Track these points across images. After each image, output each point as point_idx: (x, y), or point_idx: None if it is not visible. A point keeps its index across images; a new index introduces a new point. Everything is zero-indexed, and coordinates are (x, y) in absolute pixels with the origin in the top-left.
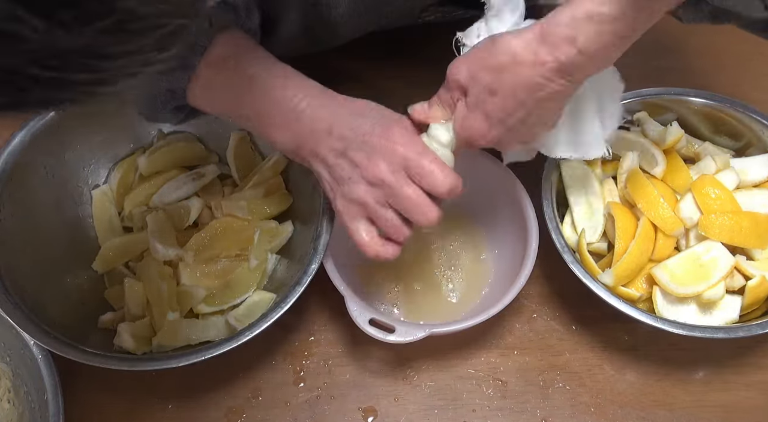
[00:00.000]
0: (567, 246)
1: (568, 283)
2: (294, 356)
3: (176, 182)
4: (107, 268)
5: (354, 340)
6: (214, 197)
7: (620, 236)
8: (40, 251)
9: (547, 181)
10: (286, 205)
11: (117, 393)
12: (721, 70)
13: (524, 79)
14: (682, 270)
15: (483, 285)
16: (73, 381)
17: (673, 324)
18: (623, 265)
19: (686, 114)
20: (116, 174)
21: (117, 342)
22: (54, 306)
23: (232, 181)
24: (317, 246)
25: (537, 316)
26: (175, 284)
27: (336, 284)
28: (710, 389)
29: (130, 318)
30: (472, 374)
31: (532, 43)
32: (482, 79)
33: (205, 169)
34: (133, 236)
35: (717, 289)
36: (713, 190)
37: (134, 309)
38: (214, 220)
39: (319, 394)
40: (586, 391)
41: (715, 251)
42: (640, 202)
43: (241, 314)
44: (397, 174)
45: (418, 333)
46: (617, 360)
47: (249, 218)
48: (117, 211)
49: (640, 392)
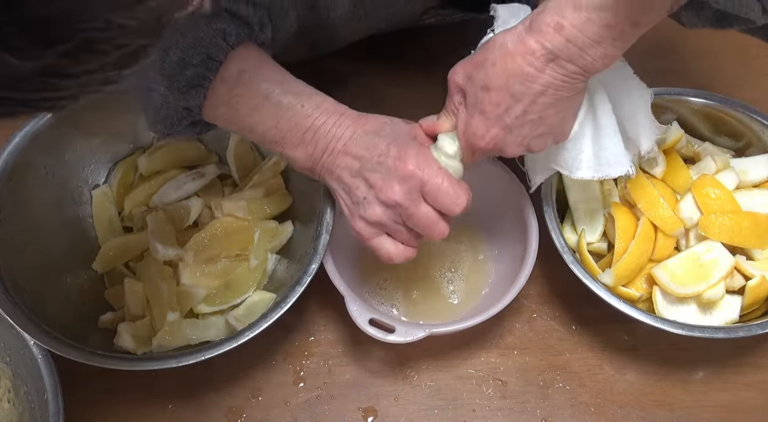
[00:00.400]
0: (567, 246)
1: (568, 283)
2: (294, 356)
3: (176, 182)
4: (107, 268)
5: (354, 340)
6: (214, 197)
7: (620, 236)
8: (40, 251)
9: (547, 181)
10: (286, 205)
11: (117, 393)
12: (720, 70)
13: (514, 69)
14: (682, 270)
15: (483, 285)
16: (73, 381)
17: (673, 324)
18: (623, 265)
19: (686, 114)
20: (116, 174)
21: (117, 342)
22: (54, 306)
23: (232, 181)
24: (317, 246)
25: (537, 316)
26: (175, 284)
27: (336, 284)
28: (710, 389)
29: (130, 318)
30: (472, 374)
31: (521, 33)
32: (476, 77)
33: (205, 169)
34: (133, 236)
35: (717, 289)
36: (713, 190)
37: (134, 310)
38: (215, 220)
39: (319, 394)
40: (586, 391)
41: (715, 251)
42: (640, 202)
43: (241, 314)
44: (412, 195)
45: (418, 333)
46: (617, 360)
47: (249, 218)
48: (117, 210)
49: (640, 392)
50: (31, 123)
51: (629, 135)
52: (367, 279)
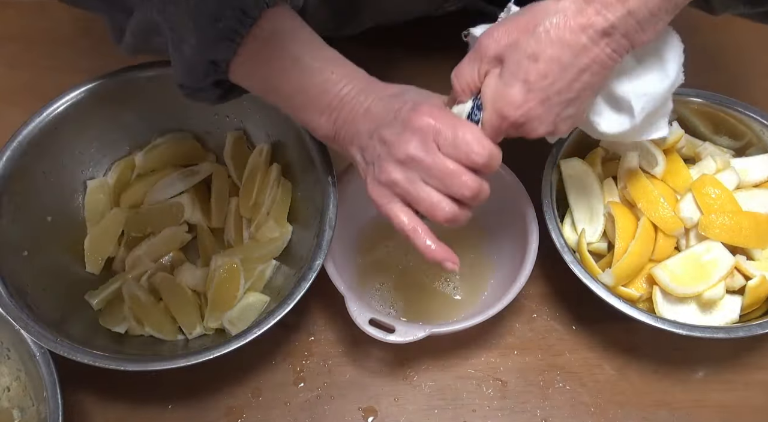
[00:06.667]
0: (567, 246)
1: (568, 283)
2: (294, 356)
3: (169, 180)
4: (98, 267)
5: (354, 340)
6: (220, 202)
7: (620, 236)
8: (40, 253)
9: (546, 180)
10: (283, 245)
11: (117, 393)
12: (721, 70)
13: (570, 40)
14: (682, 270)
15: (483, 285)
16: (73, 380)
17: (674, 324)
18: (623, 265)
19: (686, 114)
20: (113, 172)
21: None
22: (53, 307)
23: (231, 182)
24: (321, 242)
25: (537, 316)
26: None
27: (336, 284)
28: (710, 389)
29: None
30: (472, 374)
31: (578, 2)
32: (523, 45)
33: (199, 167)
34: (105, 221)
35: (717, 289)
36: (713, 189)
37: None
38: (220, 269)
39: (319, 394)
40: (586, 391)
41: (715, 251)
42: (640, 202)
43: (235, 317)
44: (427, 145)
45: (418, 333)
46: (617, 360)
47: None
48: (111, 207)
49: (640, 392)
50: (29, 127)
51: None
52: (367, 279)
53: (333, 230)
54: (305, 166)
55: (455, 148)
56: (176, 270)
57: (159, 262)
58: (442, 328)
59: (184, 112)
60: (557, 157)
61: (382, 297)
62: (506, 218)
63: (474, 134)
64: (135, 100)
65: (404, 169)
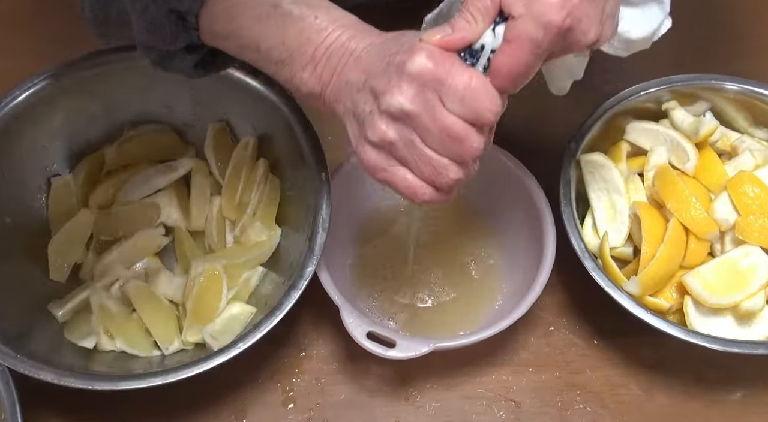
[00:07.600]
0: (587, 252)
1: (588, 293)
2: (283, 373)
3: (142, 176)
4: (64, 275)
5: (350, 356)
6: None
7: (647, 240)
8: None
9: (565, 177)
10: (270, 250)
11: (84, 415)
12: (758, 54)
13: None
14: (716, 277)
15: (493, 294)
16: (35, 400)
17: (707, 339)
18: (651, 272)
19: (721, 103)
20: (81, 170)
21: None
22: (13, 319)
23: (213, 180)
24: (313, 246)
25: (554, 329)
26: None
27: (330, 293)
28: (749, 412)
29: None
30: (482, 394)
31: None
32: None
33: (178, 163)
34: (72, 224)
35: (756, 299)
36: (752, 188)
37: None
38: (200, 277)
39: (311, 416)
40: (608, 413)
41: (753, 256)
42: (669, 202)
43: (218, 331)
44: (426, 97)
45: (421, 348)
46: (644, 379)
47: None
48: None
49: (669, 414)
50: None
51: None
52: (364, 287)
53: (327, 233)
54: (295, 162)
55: (462, 101)
56: (151, 278)
57: (132, 269)
58: (447, 343)
59: (160, 101)
60: (577, 152)
61: (381, 308)
62: (519, 220)
63: (483, 84)
64: (105, 88)
65: (398, 126)
